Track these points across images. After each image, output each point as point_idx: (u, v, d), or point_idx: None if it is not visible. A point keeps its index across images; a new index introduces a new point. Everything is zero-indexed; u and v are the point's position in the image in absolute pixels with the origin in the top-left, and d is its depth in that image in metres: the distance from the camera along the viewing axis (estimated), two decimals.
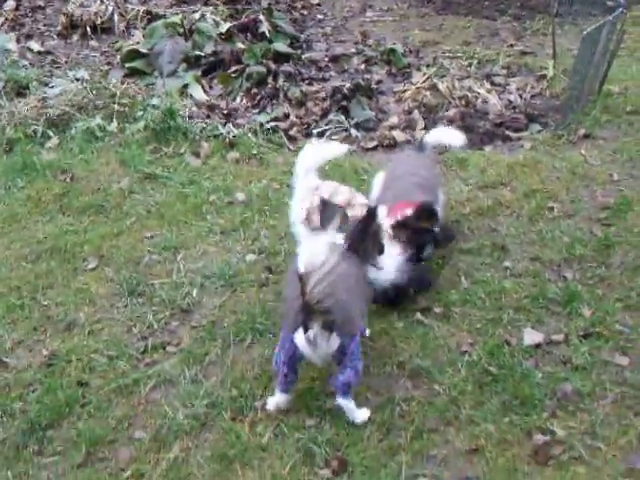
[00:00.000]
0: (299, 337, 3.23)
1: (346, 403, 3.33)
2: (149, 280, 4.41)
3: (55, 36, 8.41)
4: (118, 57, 7.58)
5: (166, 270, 4.50)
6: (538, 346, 3.70)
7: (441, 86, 6.22)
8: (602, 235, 4.47)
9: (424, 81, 6.39)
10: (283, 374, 3.36)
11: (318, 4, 9.04)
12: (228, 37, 7.46)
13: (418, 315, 3.94)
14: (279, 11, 8.16)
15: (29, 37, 8.33)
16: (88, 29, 8.36)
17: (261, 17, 7.59)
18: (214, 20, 7.69)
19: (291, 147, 5.82)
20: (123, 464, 3.29)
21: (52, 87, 6.81)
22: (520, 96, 6.37)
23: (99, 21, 8.43)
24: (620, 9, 5.76)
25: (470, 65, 7.02)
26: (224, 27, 7.57)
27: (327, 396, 3.47)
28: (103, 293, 4.35)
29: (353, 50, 7.35)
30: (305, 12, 8.74)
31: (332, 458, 3.18)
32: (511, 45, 7.59)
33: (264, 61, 6.90)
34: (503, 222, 4.70)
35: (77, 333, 4.06)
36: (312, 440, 3.27)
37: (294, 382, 3.42)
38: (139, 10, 8.50)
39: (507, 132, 5.77)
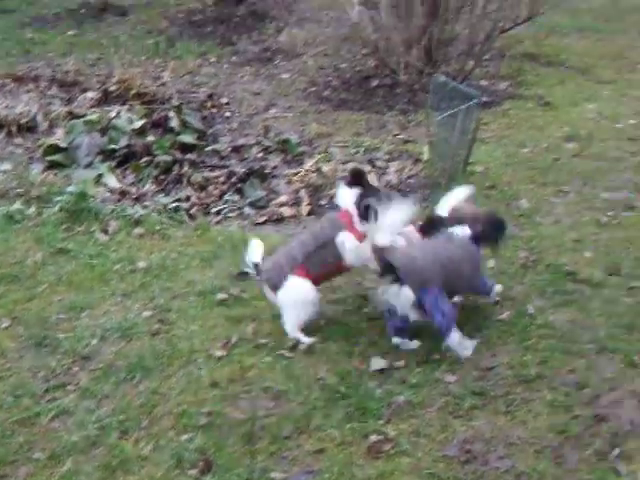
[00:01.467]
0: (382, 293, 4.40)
1: (450, 341, 4.38)
2: (56, 334, 5.00)
3: None
4: (40, 152, 8.27)
5: (71, 326, 5.10)
6: (382, 370, 4.39)
7: (325, 169, 7.06)
8: None
9: (312, 165, 7.22)
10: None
11: (227, 103, 9.92)
12: (141, 132, 8.21)
13: (285, 352, 4.61)
14: (190, 109, 9.00)
15: None
16: (13, 128, 9.07)
17: (171, 114, 8.41)
18: (129, 117, 8.47)
19: (191, 224, 6.53)
20: (21, 479, 3.83)
21: None
22: (398, 177, 7.22)
23: (23, 121, 9.14)
24: (475, 100, 6.71)
25: (357, 152, 7.89)
26: (138, 124, 8.33)
27: (201, 414, 4.10)
28: (13, 347, 4.92)
29: (253, 141, 8.18)
30: (214, 110, 9.59)
31: (199, 460, 3.79)
32: (395, 135, 8.52)
33: (171, 151, 7.68)
34: (368, 277, 5.43)
35: None
36: (184, 448, 3.88)
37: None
38: (62, 111, 9.24)
39: None
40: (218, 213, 6.74)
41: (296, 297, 4.67)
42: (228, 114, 9.55)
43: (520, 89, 10.08)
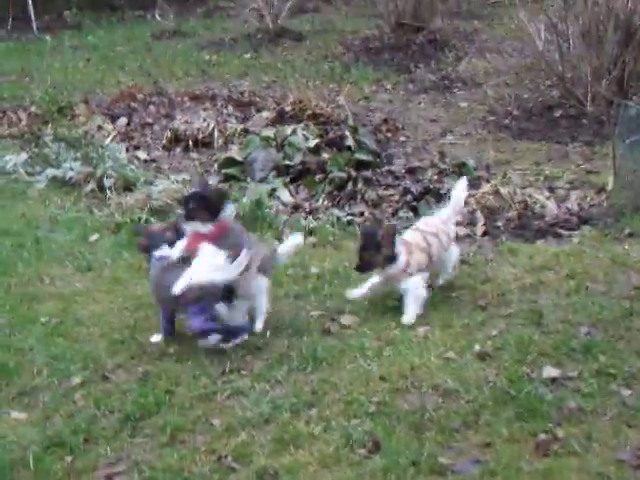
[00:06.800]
0: None
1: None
2: None
3: (160, 148, 10.08)
4: (215, 165, 9.12)
5: None
6: (554, 380, 4.71)
7: (503, 191, 7.45)
8: (628, 305, 5.50)
9: (489, 188, 7.62)
10: None
11: (402, 128, 10.51)
12: (316, 150, 8.87)
13: (453, 355, 5.02)
14: (364, 132, 9.63)
15: (137, 148, 10.01)
16: (190, 143, 10.01)
17: (347, 133, 9.05)
18: (304, 135, 9.17)
19: None
20: (199, 445, 4.41)
21: (155, 185, 8.35)
22: (578, 205, 7.50)
23: (200, 136, 10.07)
24: None
25: (537, 180, 8.23)
26: (313, 142, 9.01)
27: (370, 403, 4.57)
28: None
29: (428, 164, 8.68)
30: (389, 134, 10.18)
31: (368, 441, 4.25)
32: (579, 165, 8.78)
33: (346, 168, 8.29)
34: (544, 296, 5.76)
35: (167, 360, 5.27)
36: (354, 431, 4.35)
37: None
38: (237, 128, 10.12)
39: (559, 230, 6.89)
40: None
41: None
42: (403, 139, 10.14)
43: None
